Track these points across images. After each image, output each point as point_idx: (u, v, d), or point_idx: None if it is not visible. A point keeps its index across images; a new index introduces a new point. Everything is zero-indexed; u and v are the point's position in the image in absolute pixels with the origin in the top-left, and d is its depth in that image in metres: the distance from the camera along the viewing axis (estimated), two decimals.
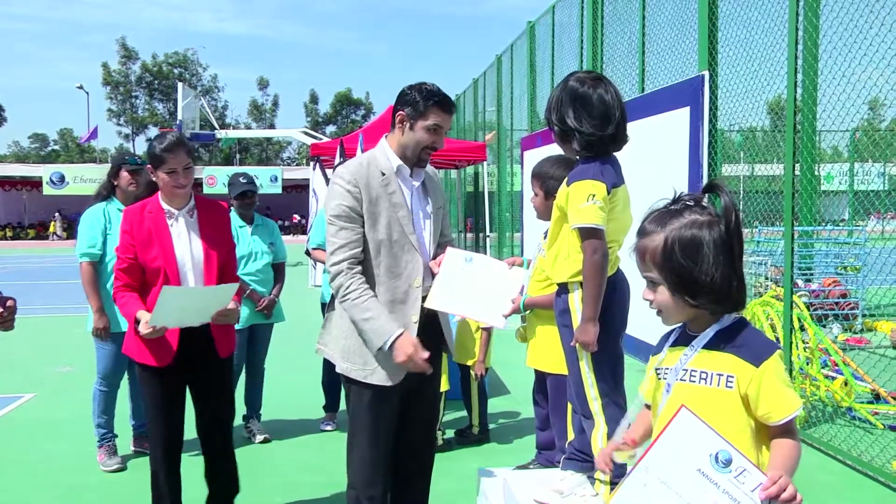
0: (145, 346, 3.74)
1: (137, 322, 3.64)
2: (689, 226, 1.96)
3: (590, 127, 2.92)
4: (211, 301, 3.73)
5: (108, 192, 5.31)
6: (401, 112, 3.36)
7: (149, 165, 3.80)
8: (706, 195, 2.04)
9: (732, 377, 1.94)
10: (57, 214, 44.83)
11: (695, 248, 1.94)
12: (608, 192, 2.86)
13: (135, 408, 5.55)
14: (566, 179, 2.97)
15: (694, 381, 2.01)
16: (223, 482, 4.13)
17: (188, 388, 3.99)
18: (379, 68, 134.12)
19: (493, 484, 3.69)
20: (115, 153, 6.43)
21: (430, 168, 3.55)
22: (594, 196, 2.82)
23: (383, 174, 3.32)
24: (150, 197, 3.89)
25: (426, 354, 3.20)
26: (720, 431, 1.89)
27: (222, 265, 3.94)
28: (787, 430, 1.93)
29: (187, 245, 3.82)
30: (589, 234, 2.83)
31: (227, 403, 4.15)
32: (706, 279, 1.94)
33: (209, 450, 4.08)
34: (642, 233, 2.05)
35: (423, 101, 3.28)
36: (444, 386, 5.59)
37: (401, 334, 3.17)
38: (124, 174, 5.24)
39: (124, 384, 5.51)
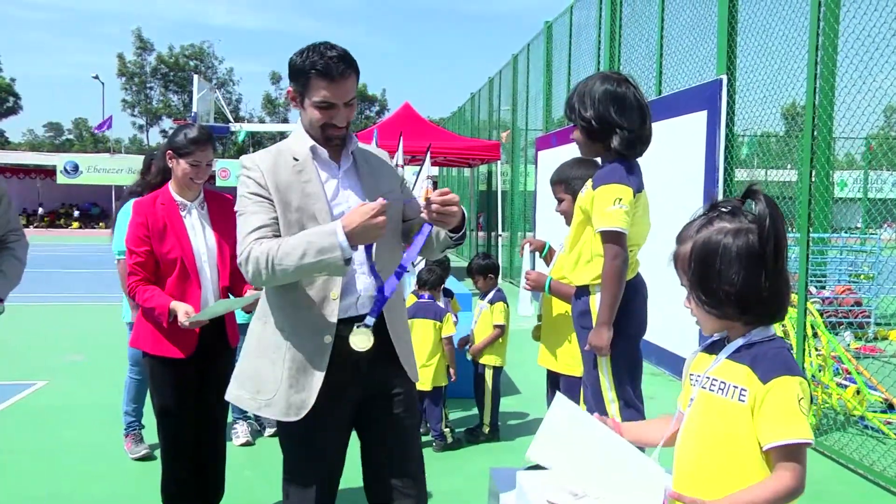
0: (165, 338, 3.70)
1: (170, 314, 3.60)
2: (715, 233, 1.90)
3: (631, 125, 2.92)
4: (239, 303, 3.75)
5: (141, 188, 5.32)
6: (290, 88, 2.80)
7: (169, 151, 3.77)
8: (745, 202, 1.95)
9: (746, 391, 1.85)
10: None
11: (714, 256, 1.88)
12: (633, 197, 2.85)
13: None
14: (591, 182, 2.94)
15: (713, 391, 1.95)
16: (210, 479, 4.04)
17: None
18: (394, 65, 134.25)
19: (505, 483, 3.68)
20: (157, 147, 6.41)
21: (373, 149, 3.04)
22: (620, 200, 2.80)
23: (296, 160, 2.77)
24: (160, 187, 3.88)
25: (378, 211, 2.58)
26: (731, 446, 1.87)
27: (233, 257, 3.94)
28: (785, 463, 1.79)
29: (201, 237, 3.82)
30: (612, 238, 2.81)
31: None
32: (726, 288, 1.88)
33: (201, 442, 3.98)
34: (678, 240, 2.01)
35: (303, 69, 2.69)
36: (443, 381, 5.59)
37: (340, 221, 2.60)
38: (154, 169, 5.25)
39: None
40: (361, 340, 2.70)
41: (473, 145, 17.40)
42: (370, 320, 2.72)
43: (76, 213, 46.37)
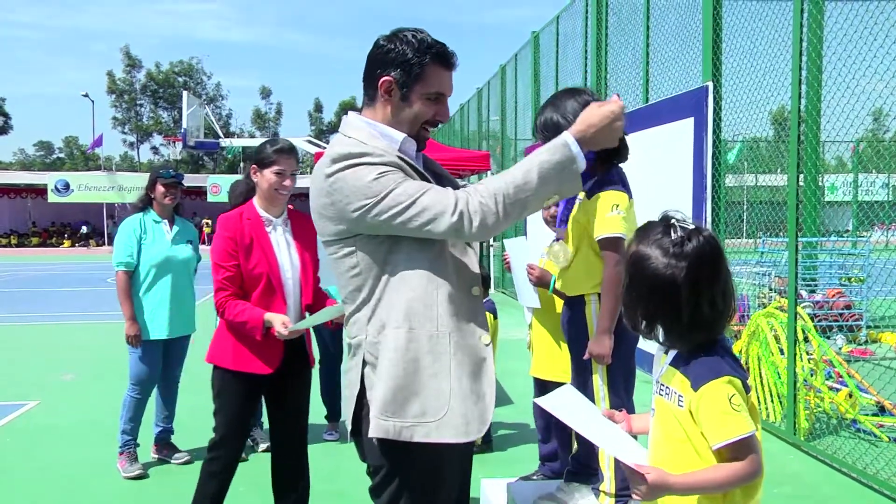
0: (250, 354, 3.69)
1: (264, 326, 3.59)
2: (650, 255, 1.95)
3: None
4: (335, 312, 3.69)
5: (144, 203, 5.43)
6: (386, 77, 2.37)
7: (253, 166, 3.79)
8: (695, 236, 1.94)
9: (683, 397, 1.95)
10: None
11: (638, 277, 1.97)
12: (629, 203, 2.85)
13: (164, 415, 5.63)
14: (586, 191, 2.91)
15: (663, 395, 2.05)
16: (297, 496, 3.98)
17: (266, 399, 3.94)
18: None
19: (497, 494, 3.69)
20: (153, 166, 6.63)
21: None
22: (618, 206, 2.79)
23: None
24: (243, 204, 3.88)
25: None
26: (681, 447, 1.95)
27: (315, 276, 3.97)
28: (736, 455, 1.88)
29: (286, 253, 3.82)
30: (612, 245, 2.79)
31: (307, 415, 4.07)
32: (640, 310, 1.99)
33: (285, 462, 3.96)
34: (633, 236, 2.07)
35: (417, 55, 2.34)
36: None
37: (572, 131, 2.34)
38: (159, 187, 5.35)
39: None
40: (563, 252, 2.90)
41: (463, 156, 17.40)
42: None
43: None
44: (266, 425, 5.99)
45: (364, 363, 2.35)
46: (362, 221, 2.26)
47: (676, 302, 1.91)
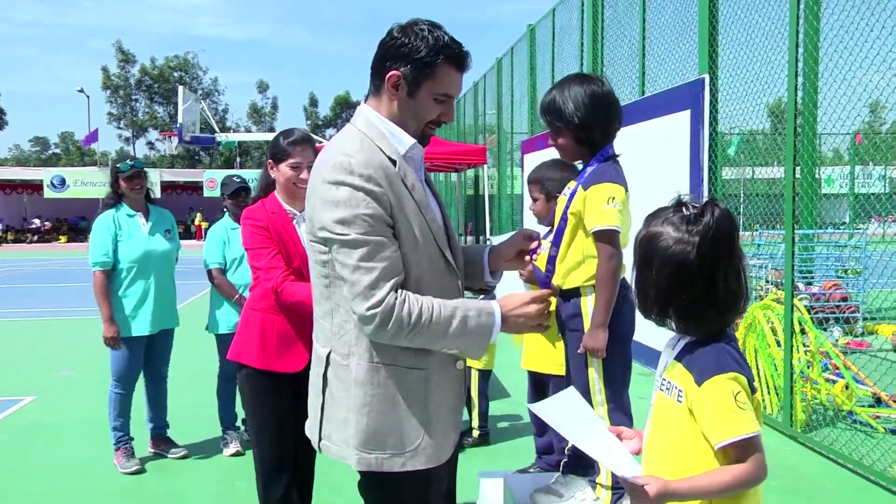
0: (277, 352, 3.47)
1: None
2: (661, 233, 1.88)
3: (618, 125, 2.92)
4: None
5: (114, 200, 5.32)
6: (395, 71, 2.28)
7: (269, 161, 3.64)
8: (708, 209, 1.87)
9: (682, 392, 1.87)
10: None
11: (650, 256, 1.89)
12: (625, 195, 2.83)
13: (155, 412, 5.59)
14: (581, 184, 2.88)
15: (664, 391, 1.97)
16: (305, 494, 3.73)
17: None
18: None
19: (494, 487, 3.68)
20: (111, 161, 6.50)
21: None
22: (614, 199, 2.77)
23: (393, 161, 2.27)
24: (265, 197, 3.67)
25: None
26: (677, 444, 1.89)
27: None
28: (740, 455, 1.79)
29: None
30: (607, 238, 2.77)
31: None
32: (652, 291, 1.91)
33: (299, 469, 3.62)
34: (644, 221, 2.00)
35: (430, 54, 2.25)
36: None
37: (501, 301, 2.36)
38: (122, 182, 5.26)
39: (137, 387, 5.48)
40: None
41: (460, 150, 17.40)
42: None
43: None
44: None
45: (326, 378, 2.36)
46: (326, 241, 2.23)
47: (691, 280, 1.83)
